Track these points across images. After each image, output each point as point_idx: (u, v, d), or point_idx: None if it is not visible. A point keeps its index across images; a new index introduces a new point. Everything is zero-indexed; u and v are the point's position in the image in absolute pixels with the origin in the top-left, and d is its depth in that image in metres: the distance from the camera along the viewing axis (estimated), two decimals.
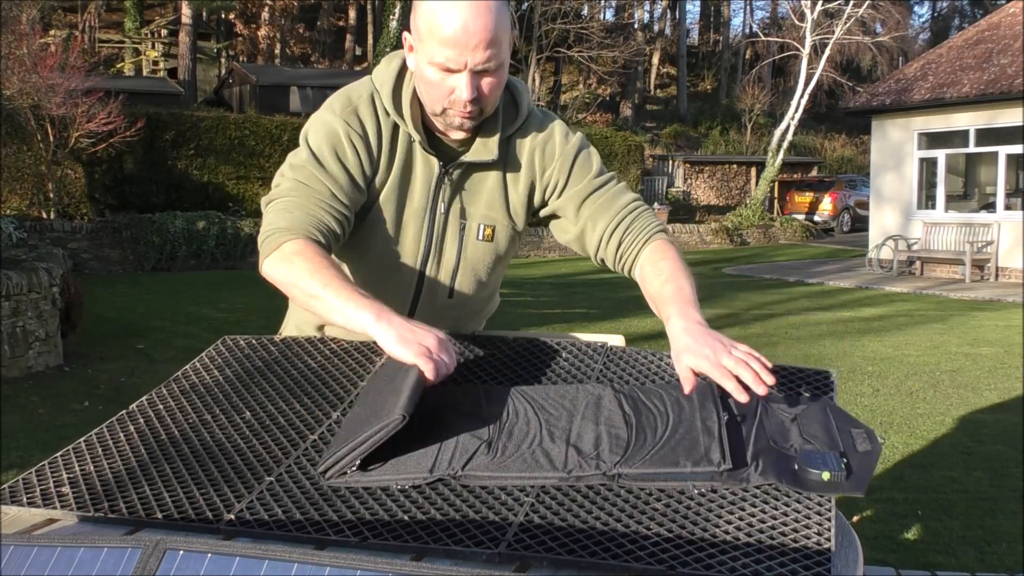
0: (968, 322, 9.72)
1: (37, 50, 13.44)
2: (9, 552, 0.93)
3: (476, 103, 1.49)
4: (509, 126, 1.62)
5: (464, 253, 1.65)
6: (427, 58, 1.47)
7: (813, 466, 1.10)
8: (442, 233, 1.63)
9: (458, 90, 1.47)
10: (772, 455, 1.15)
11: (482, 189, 1.63)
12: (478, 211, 1.64)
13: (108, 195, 15.27)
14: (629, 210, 1.65)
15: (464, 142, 1.61)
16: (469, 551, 1.02)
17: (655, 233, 1.65)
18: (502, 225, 1.66)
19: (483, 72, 1.47)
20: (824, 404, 1.30)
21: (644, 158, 22.90)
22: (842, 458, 1.13)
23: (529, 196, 1.66)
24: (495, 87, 1.50)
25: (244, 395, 1.50)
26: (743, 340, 1.33)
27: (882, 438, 1.18)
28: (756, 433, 1.21)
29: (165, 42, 28.74)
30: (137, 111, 14.91)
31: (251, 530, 1.09)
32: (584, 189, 1.64)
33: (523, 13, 27.73)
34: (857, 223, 23.57)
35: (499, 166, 1.62)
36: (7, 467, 4.36)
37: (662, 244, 1.62)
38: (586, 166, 1.65)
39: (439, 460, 1.18)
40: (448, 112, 1.51)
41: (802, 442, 1.19)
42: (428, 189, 1.61)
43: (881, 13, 23.37)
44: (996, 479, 4.38)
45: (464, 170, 1.61)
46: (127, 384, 6.27)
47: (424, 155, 1.59)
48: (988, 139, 14.47)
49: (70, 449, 1.33)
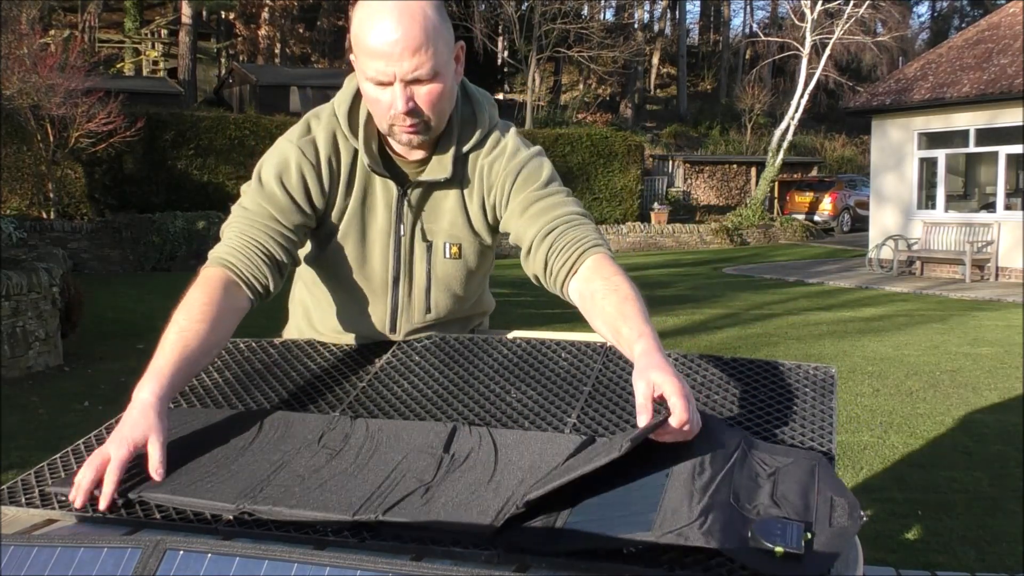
0: (968, 322, 9.72)
1: (37, 50, 13.43)
2: (9, 552, 0.93)
3: (416, 115, 1.43)
4: (465, 142, 1.55)
5: (434, 271, 1.62)
6: (363, 74, 1.43)
7: (767, 536, 0.95)
8: (409, 254, 1.60)
9: (395, 103, 1.41)
10: (725, 513, 0.99)
11: (443, 208, 1.59)
12: (442, 229, 1.59)
13: (108, 195, 15.26)
14: (565, 219, 1.51)
15: (422, 161, 1.56)
16: (469, 551, 1.02)
17: (594, 247, 1.47)
18: (468, 242, 1.61)
19: (416, 81, 1.40)
20: (814, 461, 1.14)
21: (644, 158, 22.90)
22: (807, 531, 0.97)
23: (484, 214, 1.60)
24: (435, 97, 1.43)
25: (244, 397, 1.50)
26: (743, 340, 1.32)
27: (864, 515, 1.01)
28: (719, 484, 1.05)
29: (165, 42, 28.74)
30: (137, 111, 14.91)
31: (251, 530, 1.09)
32: (525, 200, 1.54)
33: (523, 13, 27.72)
34: (857, 223, 23.56)
35: (456, 184, 1.57)
36: (7, 467, 4.36)
37: (604, 259, 1.45)
38: (531, 178, 1.55)
39: (369, 500, 1.10)
40: (394, 128, 1.46)
41: (769, 504, 1.03)
42: (390, 211, 1.57)
43: (881, 13, 23.38)
44: (996, 479, 4.38)
45: (423, 190, 1.57)
46: (127, 384, 6.23)
47: (382, 180, 1.55)
48: (988, 139, 14.46)
49: (69, 450, 1.33)
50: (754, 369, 1.50)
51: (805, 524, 0.98)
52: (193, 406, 1.48)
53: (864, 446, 4.96)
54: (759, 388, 1.44)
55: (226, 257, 1.45)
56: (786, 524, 0.97)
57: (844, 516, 1.02)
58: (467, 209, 1.59)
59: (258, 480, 1.16)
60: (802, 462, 1.14)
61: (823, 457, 1.17)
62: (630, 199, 20.92)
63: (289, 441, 1.29)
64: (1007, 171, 14.32)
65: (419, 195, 1.57)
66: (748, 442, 1.17)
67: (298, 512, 1.07)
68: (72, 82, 13.16)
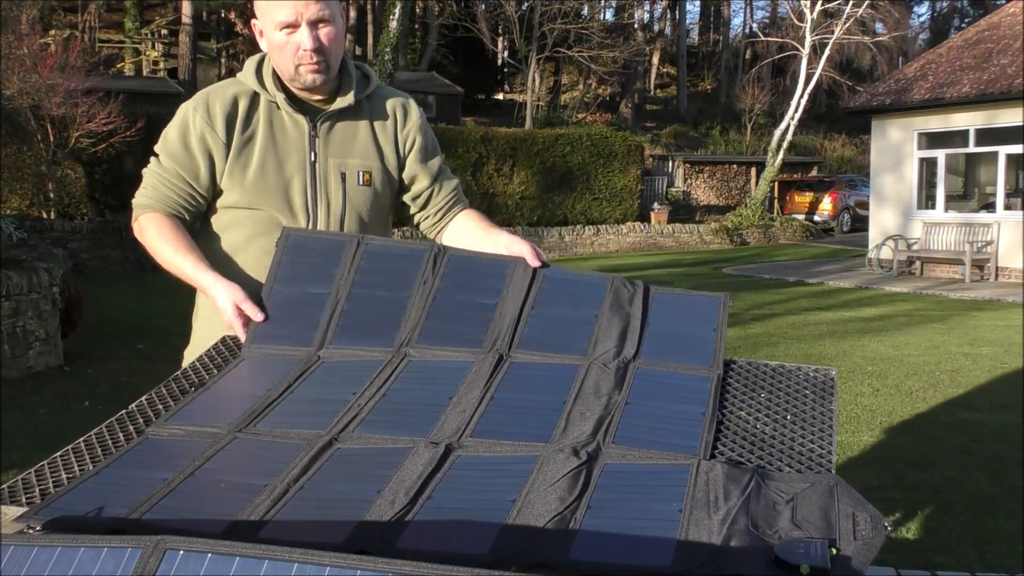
0: (968, 322, 9.72)
1: (37, 50, 13.43)
2: (9, 552, 0.93)
3: (320, 53, 1.76)
4: (363, 90, 1.90)
5: (348, 197, 1.88)
6: (272, 23, 1.75)
7: (791, 557, 0.97)
8: (325, 182, 1.86)
9: (302, 42, 1.74)
10: (746, 540, 1.03)
11: (355, 139, 1.89)
12: (354, 160, 1.88)
13: (108, 195, 15.26)
14: (456, 191, 2.02)
15: (326, 101, 1.86)
16: (469, 551, 1.01)
17: (466, 207, 2.04)
18: (377, 170, 1.91)
19: (319, 22, 1.75)
20: (831, 482, 1.17)
21: (644, 158, 22.88)
22: (831, 548, 1.00)
23: (395, 144, 1.93)
24: (333, 37, 1.78)
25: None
26: (743, 340, 1.32)
27: (888, 526, 1.05)
28: (736, 515, 1.08)
29: (165, 42, 28.72)
30: (137, 111, 14.89)
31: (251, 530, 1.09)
32: (438, 163, 1.99)
33: (523, 13, 27.72)
34: (857, 223, 23.54)
35: (365, 116, 1.90)
36: (7, 467, 4.36)
37: (471, 210, 2.03)
38: (431, 136, 1.98)
39: (359, 528, 1.08)
40: (300, 69, 1.78)
41: (790, 527, 1.06)
42: (303, 145, 1.85)
43: (881, 13, 23.37)
44: (996, 479, 4.38)
45: (332, 122, 1.87)
46: (127, 384, 6.27)
47: (292, 116, 1.84)
48: (988, 139, 14.46)
49: (70, 449, 1.33)
50: (753, 371, 1.50)
51: (829, 541, 1.00)
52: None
53: (864, 446, 4.96)
54: (759, 390, 1.44)
55: (154, 203, 1.84)
56: (810, 543, 0.99)
57: (868, 529, 1.03)
58: (377, 139, 1.91)
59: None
60: (820, 485, 1.15)
61: (840, 479, 1.19)
62: (630, 199, 20.91)
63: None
64: (1007, 171, 14.32)
65: (328, 127, 1.87)
66: (762, 474, 1.18)
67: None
68: (72, 82, 13.15)
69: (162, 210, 1.83)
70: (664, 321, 1.61)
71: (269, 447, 1.27)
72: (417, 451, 1.23)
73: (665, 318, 1.62)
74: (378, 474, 1.19)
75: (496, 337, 1.55)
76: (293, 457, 1.23)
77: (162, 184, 1.84)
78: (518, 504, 1.10)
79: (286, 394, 1.42)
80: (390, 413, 1.34)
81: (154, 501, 1.13)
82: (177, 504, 1.13)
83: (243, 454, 1.26)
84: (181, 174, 1.83)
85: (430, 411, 1.34)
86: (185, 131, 1.83)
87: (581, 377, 1.42)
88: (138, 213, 1.86)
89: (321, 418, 1.33)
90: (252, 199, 1.83)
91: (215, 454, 1.25)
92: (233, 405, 1.39)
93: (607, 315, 1.60)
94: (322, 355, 1.55)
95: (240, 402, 1.40)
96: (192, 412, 1.38)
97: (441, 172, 2.00)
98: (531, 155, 19.32)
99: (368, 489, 1.15)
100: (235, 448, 1.27)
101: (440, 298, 1.64)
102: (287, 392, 1.42)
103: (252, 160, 1.82)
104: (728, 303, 1.66)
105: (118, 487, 1.17)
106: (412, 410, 1.35)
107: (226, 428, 1.32)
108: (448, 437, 1.27)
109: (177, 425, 1.34)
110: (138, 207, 1.86)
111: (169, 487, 1.16)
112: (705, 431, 1.29)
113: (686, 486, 1.14)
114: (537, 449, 1.24)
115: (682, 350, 1.53)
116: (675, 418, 1.32)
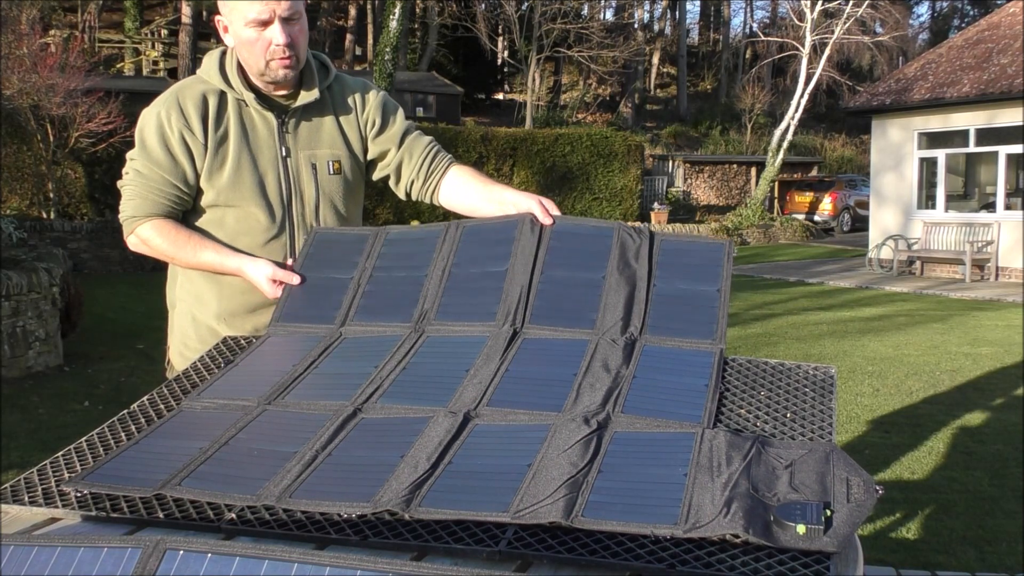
0: (968, 322, 9.71)
1: (37, 50, 13.42)
2: (9, 552, 0.93)
3: (291, 48, 1.81)
4: (324, 80, 1.96)
5: (321, 188, 1.94)
6: (243, 20, 1.78)
7: (789, 517, 1.06)
8: (297, 175, 1.92)
9: (274, 38, 1.79)
10: (746, 502, 1.10)
11: (321, 130, 1.95)
12: (323, 151, 1.94)
13: (108, 195, 15.24)
14: (432, 145, 2.05)
15: (290, 96, 1.91)
16: (470, 549, 1.02)
17: (453, 161, 2.07)
18: (346, 157, 1.98)
19: (290, 20, 1.80)
20: (827, 449, 1.24)
21: (644, 158, 22.88)
22: (826, 509, 1.08)
23: (359, 130, 2.00)
24: (302, 35, 1.84)
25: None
26: (743, 340, 1.33)
27: (879, 489, 1.14)
28: (738, 479, 1.15)
29: (165, 42, 28.69)
30: (137, 111, 14.74)
31: (251, 529, 1.09)
32: (400, 128, 2.03)
33: (523, 13, 27.71)
34: (857, 223, 23.53)
35: (329, 110, 1.96)
36: (7, 467, 4.36)
37: (465, 167, 2.07)
38: (398, 111, 2.04)
39: (384, 490, 1.14)
40: (271, 64, 1.82)
41: (788, 491, 1.14)
42: (273, 140, 1.90)
43: (880, 13, 23.36)
44: (996, 479, 4.38)
45: (299, 117, 1.93)
46: (127, 384, 6.27)
47: (260, 113, 1.89)
48: (988, 139, 14.45)
49: (71, 449, 1.33)
50: (754, 369, 1.50)
51: (824, 503, 1.09)
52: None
53: (864, 446, 4.96)
54: (759, 388, 1.44)
55: (148, 212, 1.85)
56: (806, 505, 1.08)
57: (861, 492, 1.13)
58: (343, 129, 1.98)
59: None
60: (817, 452, 1.23)
61: (836, 446, 1.26)
62: (630, 199, 20.91)
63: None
64: (1007, 171, 14.31)
65: (295, 122, 1.92)
66: (762, 441, 1.24)
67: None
68: (72, 82, 13.14)
69: (158, 217, 1.86)
70: (670, 278, 1.64)
71: (297, 418, 1.34)
72: (437, 420, 1.31)
73: (671, 273, 1.65)
74: (401, 441, 1.26)
75: (508, 310, 1.58)
76: (320, 426, 1.31)
77: (151, 192, 1.85)
78: (533, 468, 1.17)
79: (311, 368, 1.49)
80: (411, 385, 1.41)
81: (192, 468, 1.21)
82: (214, 470, 1.21)
83: (273, 424, 1.33)
84: (167, 179, 1.85)
85: (448, 383, 1.40)
86: (163, 135, 1.86)
87: (591, 352, 1.47)
88: (133, 226, 1.87)
89: (345, 390, 1.40)
90: (229, 197, 1.87)
91: (247, 425, 1.33)
92: (261, 380, 1.46)
93: (614, 276, 1.63)
94: (344, 331, 1.63)
95: (268, 377, 1.47)
96: (223, 387, 1.46)
97: (407, 132, 2.03)
98: (531, 155, 19.33)
99: (392, 455, 1.22)
100: (265, 419, 1.35)
101: (455, 271, 1.69)
102: (312, 367, 1.49)
103: (228, 158, 1.86)
104: (732, 252, 1.69)
105: (158, 455, 1.26)
106: (431, 382, 1.41)
107: (256, 401, 1.39)
108: (466, 407, 1.34)
109: (209, 399, 1.43)
110: (130, 220, 1.87)
111: (205, 455, 1.24)
112: (708, 401, 1.35)
113: (691, 452, 1.22)
114: (550, 418, 1.31)
115: (687, 318, 1.56)
116: (680, 390, 1.38)
